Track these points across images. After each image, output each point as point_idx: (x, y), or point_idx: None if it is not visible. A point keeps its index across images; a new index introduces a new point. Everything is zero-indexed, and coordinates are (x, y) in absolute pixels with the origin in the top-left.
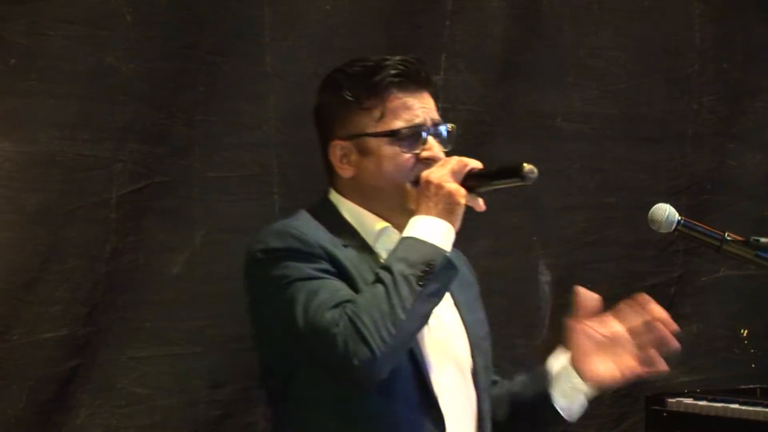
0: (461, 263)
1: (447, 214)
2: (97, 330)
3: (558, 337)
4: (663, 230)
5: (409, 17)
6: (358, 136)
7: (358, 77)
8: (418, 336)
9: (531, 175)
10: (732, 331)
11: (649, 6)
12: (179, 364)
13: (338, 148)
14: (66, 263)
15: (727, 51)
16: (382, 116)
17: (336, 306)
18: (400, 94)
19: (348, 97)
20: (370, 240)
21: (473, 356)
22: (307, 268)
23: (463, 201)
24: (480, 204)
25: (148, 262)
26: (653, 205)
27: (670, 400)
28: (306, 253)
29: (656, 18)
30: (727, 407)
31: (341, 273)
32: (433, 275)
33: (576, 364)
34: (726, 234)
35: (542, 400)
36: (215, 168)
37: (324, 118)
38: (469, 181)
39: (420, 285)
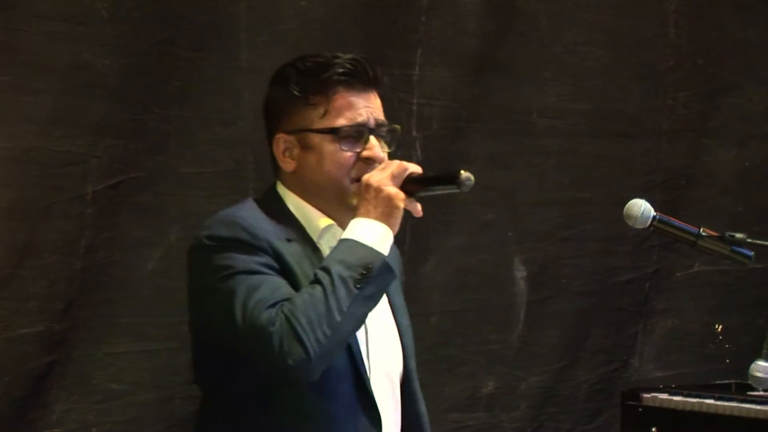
0: (396, 262)
1: (386, 217)
2: (72, 326)
3: (532, 334)
4: (638, 226)
5: (385, 13)
6: (301, 131)
7: (307, 73)
8: (358, 336)
9: (468, 183)
10: (707, 326)
11: (623, 1)
12: (155, 360)
13: (282, 141)
14: (41, 259)
15: (702, 47)
16: (326, 113)
17: (274, 305)
18: (345, 93)
19: (295, 92)
20: (314, 235)
21: (405, 361)
22: (251, 262)
23: (401, 205)
24: (418, 209)
25: (124, 258)
26: (628, 201)
27: (645, 395)
28: (252, 246)
29: (631, 13)
30: (702, 402)
31: (284, 269)
32: (370, 278)
33: None
34: (701, 229)
35: None
36: (190, 163)
37: (271, 110)
38: (409, 185)
39: (357, 287)
